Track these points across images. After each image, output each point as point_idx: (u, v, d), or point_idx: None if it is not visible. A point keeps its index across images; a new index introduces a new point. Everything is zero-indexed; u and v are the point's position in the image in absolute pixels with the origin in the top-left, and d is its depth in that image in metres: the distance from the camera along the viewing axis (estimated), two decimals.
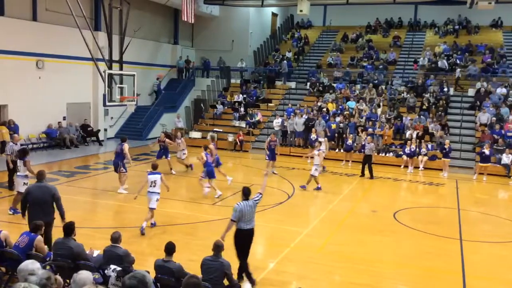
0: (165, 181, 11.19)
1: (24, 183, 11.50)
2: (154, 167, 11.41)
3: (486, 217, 13.78)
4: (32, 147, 21.24)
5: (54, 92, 22.15)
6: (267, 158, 18.17)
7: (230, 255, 7.14)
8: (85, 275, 5.54)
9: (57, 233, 7.77)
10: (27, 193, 8.85)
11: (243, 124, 25.30)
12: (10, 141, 14.11)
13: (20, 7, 20.94)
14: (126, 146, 14.69)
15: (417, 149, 20.85)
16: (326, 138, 20.66)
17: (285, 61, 29.98)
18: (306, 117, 23.61)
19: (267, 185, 10.83)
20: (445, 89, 25.41)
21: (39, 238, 7.55)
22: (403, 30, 33.54)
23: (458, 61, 27.80)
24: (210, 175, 14.23)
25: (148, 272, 6.03)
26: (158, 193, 11.07)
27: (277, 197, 14.73)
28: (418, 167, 20.40)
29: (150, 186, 10.99)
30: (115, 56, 18.34)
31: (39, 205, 8.66)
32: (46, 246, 7.67)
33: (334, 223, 12.33)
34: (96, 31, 22.81)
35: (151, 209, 10.85)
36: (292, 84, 29.23)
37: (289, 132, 23.86)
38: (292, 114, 24.26)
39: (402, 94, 25.60)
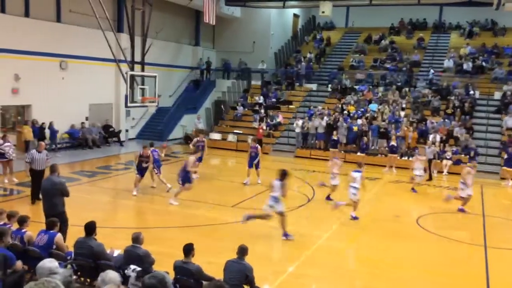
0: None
1: None
2: (360, 164, 12.67)
3: None
4: (55, 147, 21.54)
5: (77, 93, 22.42)
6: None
7: (251, 259, 7.06)
8: (113, 275, 5.54)
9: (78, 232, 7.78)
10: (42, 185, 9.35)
11: (263, 126, 25.22)
12: (33, 148, 13.07)
13: (45, 9, 21.26)
14: (191, 159, 13.66)
15: (442, 153, 20.46)
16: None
17: (303, 63, 29.82)
18: (327, 119, 23.41)
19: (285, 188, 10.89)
20: (471, 92, 24.91)
21: (59, 236, 7.60)
22: (427, 32, 33.04)
23: (484, 64, 27.25)
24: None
25: (168, 273, 5.99)
26: (357, 188, 12.36)
27: (297, 200, 14.59)
28: (442, 172, 20.00)
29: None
30: (137, 58, 18.49)
31: (48, 198, 9.16)
32: (66, 245, 7.69)
33: (356, 227, 12.14)
34: (118, 32, 23.01)
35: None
36: (313, 86, 29.05)
37: (310, 134, 23.67)
38: (313, 116, 24.09)
39: (427, 97, 25.19)
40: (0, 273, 6.26)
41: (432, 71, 27.38)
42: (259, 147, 17.17)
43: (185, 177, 13.33)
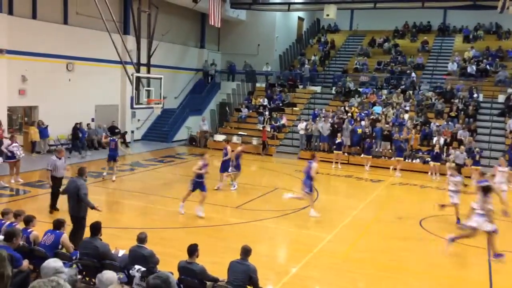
0: None
1: None
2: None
3: None
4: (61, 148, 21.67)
5: (83, 94, 22.60)
6: (235, 170, 16.12)
7: (255, 260, 7.16)
8: (110, 275, 5.65)
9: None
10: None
11: (268, 128, 25.33)
12: (54, 155, 12.42)
13: (52, 11, 21.46)
14: (314, 165, 13.10)
15: (445, 156, 20.49)
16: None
17: (306, 66, 29.90)
18: (331, 121, 23.49)
19: (288, 189, 10.86)
20: (475, 95, 24.93)
21: (65, 236, 7.70)
22: (431, 35, 33.06)
23: (488, 67, 27.26)
24: None
25: (172, 273, 6.10)
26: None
27: (301, 202, 14.66)
28: (445, 174, 20.00)
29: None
30: (143, 60, 18.62)
31: (70, 199, 9.27)
32: (72, 245, 7.81)
33: (359, 229, 12.21)
34: (125, 34, 23.19)
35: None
36: (318, 89, 29.14)
37: (313, 136, 23.75)
38: (317, 118, 24.17)
39: (430, 100, 25.23)
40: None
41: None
42: (228, 148, 16.31)
43: (309, 185, 12.90)
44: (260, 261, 7.10)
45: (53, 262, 7.02)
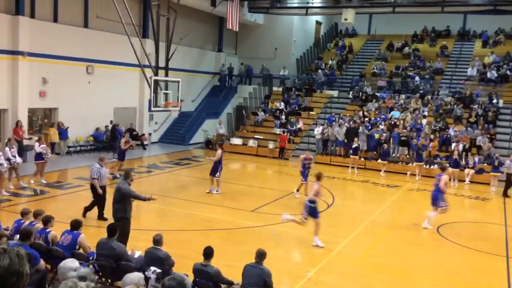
0: None
1: None
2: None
3: None
4: (80, 149, 21.99)
5: (102, 97, 22.87)
6: (303, 180, 15.53)
7: (270, 263, 7.16)
8: (133, 276, 5.74)
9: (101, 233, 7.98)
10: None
11: (287, 134, 25.28)
12: (97, 162, 12.00)
13: (73, 14, 21.78)
14: (444, 178, 12.68)
15: (464, 162, 20.24)
16: None
17: (320, 71, 29.81)
18: (347, 125, 23.38)
19: (304, 193, 10.74)
20: (494, 101, 24.59)
21: (83, 236, 7.78)
22: (451, 40, 32.71)
23: (508, 72, 26.87)
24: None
25: (187, 275, 6.13)
26: None
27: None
28: (464, 181, 19.78)
29: None
30: (161, 63, 18.77)
31: (113, 202, 9.40)
32: (89, 245, 7.90)
33: (375, 234, 12.12)
34: (144, 38, 23.40)
35: None
36: (335, 93, 29.04)
37: (330, 141, 23.66)
38: (333, 122, 24.09)
39: (449, 105, 24.96)
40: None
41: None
42: (218, 152, 15.59)
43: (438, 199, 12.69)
44: (275, 265, 7.10)
45: (70, 263, 7.14)
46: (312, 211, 10.85)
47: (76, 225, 7.85)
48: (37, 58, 19.83)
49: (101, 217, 11.64)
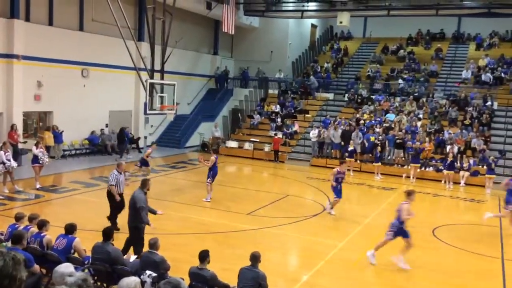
0: None
1: None
2: None
3: None
4: (75, 153, 21.93)
5: (97, 100, 22.82)
6: (335, 196, 13.78)
7: (266, 267, 7.16)
8: (129, 280, 5.70)
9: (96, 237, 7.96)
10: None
11: (280, 135, 25.32)
12: (115, 169, 11.61)
13: (68, 18, 21.74)
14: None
15: (459, 164, 20.33)
16: None
17: (312, 77, 29.83)
18: (343, 128, 23.44)
19: (300, 196, 10.71)
20: (489, 103, 24.71)
21: (77, 240, 7.76)
22: (445, 42, 32.87)
23: (503, 75, 27.01)
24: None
25: (183, 279, 6.12)
26: None
27: (312, 209, 14.65)
28: (459, 183, 19.85)
29: None
30: (157, 66, 18.77)
31: (130, 209, 9.28)
32: (84, 249, 7.87)
33: (370, 237, 12.11)
34: (139, 41, 23.41)
35: None
36: (330, 96, 29.10)
37: (325, 143, 23.70)
38: (329, 125, 24.14)
39: (444, 107, 25.07)
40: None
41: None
42: (211, 158, 14.85)
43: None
44: (271, 268, 7.11)
45: (65, 268, 7.11)
46: (402, 232, 9.87)
47: (70, 229, 7.83)
48: (32, 62, 19.78)
49: (115, 226, 11.10)
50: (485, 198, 18.08)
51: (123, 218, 10.91)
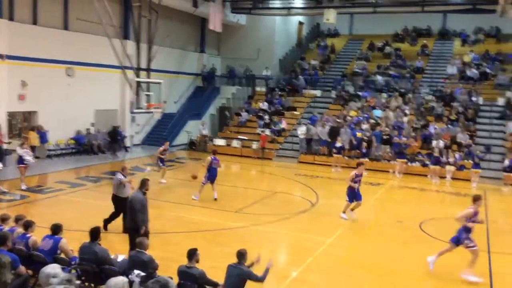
0: None
1: None
2: None
3: None
4: (60, 153, 21.73)
5: (83, 99, 22.61)
6: (348, 199, 13.30)
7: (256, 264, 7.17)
8: (117, 280, 5.67)
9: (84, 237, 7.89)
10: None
11: (267, 132, 25.33)
12: (119, 173, 11.21)
13: (52, 16, 21.50)
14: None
15: (445, 159, 20.52)
16: None
17: (300, 76, 29.86)
18: (330, 125, 23.51)
19: (288, 193, 10.73)
20: (474, 98, 24.95)
21: (64, 241, 7.68)
22: (431, 39, 33.12)
23: (487, 70, 27.30)
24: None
25: (172, 278, 6.09)
26: None
27: (301, 205, 14.67)
28: (445, 177, 20.02)
29: None
30: (143, 64, 18.67)
31: (128, 211, 9.03)
32: (71, 249, 7.79)
33: (359, 233, 12.20)
34: (124, 39, 23.21)
35: None
36: (318, 92, 29.16)
37: (313, 140, 23.76)
38: (317, 122, 24.19)
39: (430, 103, 25.26)
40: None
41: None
42: (207, 158, 15.08)
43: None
44: (260, 265, 7.10)
45: (51, 269, 7.05)
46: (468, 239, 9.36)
47: (56, 230, 7.74)
48: (16, 61, 19.54)
49: (105, 226, 10.96)
50: (471, 192, 18.23)
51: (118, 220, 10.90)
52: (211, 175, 14.66)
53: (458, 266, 10.09)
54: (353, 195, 13.00)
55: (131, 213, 8.87)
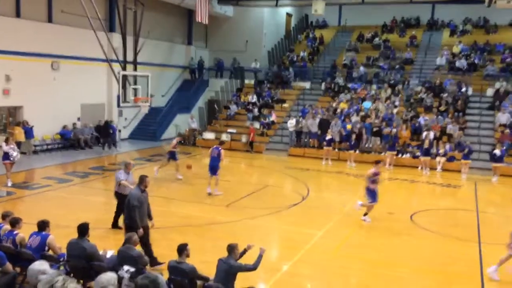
0: None
1: None
2: None
3: (506, 220, 13.45)
4: (46, 148, 21.42)
5: (68, 93, 22.28)
6: (370, 201, 12.41)
7: (247, 258, 7.04)
8: (110, 275, 5.53)
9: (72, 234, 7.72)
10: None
11: (257, 125, 25.17)
12: (122, 170, 10.88)
13: (36, 9, 21.11)
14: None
15: (435, 150, 20.56)
16: None
17: (291, 69, 29.74)
18: (320, 117, 23.42)
19: (279, 186, 10.61)
20: (463, 89, 25.02)
21: (51, 237, 7.56)
22: (420, 30, 33.15)
23: (476, 61, 27.37)
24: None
25: (162, 274, 5.95)
26: None
27: (292, 198, 14.59)
28: (435, 169, 20.05)
29: None
30: (129, 57, 18.39)
31: (125, 208, 8.70)
32: (59, 246, 7.63)
33: (349, 225, 12.14)
34: (110, 32, 22.91)
35: None
36: (307, 85, 29.04)
37: (303, 133, 23.66)
38: (307, 114, 24.09)
39: (420, 94, 25.28)
40: None
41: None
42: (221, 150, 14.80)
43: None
44: (251, 259, 6.99)
45: (39, 265, 6.89)
46: None
47: (42, 226, 7.62)
48: (0, 55, 19.14)
49: (116, 225, 10.73)
50: (461, 183, 18.32)
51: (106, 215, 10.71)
52: (210, 165, 14.52)
53: (447, 258, 10.10)
54: (374, 195, 12.18)
55: (127, 210, 8.62)
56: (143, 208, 8.66)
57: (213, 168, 14.52)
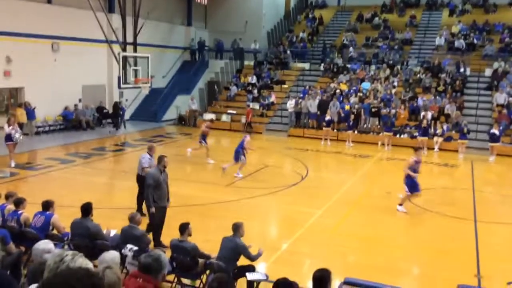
0: None
1: None
2: None
3: (502, 199, 13.69)
4: (49, 129, 21.57)
5: (69, 75, 22.31)
6: (408, 191, 11.70)
7: (246, 237, 7.25)
8: (113, 254, 5.71)
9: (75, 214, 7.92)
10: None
11: (256, 106, 25.25)
12: (146, 153, 10.75)
13: None
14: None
15: (432, 130, 20.70)
16: None
17: (288, 52, 29.63)
18: (319, 98, 23.50)
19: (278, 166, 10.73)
20: (462, 69, 25.03)
21: (55, 217, 7.72)
22: (419, 9, 32.96)
23: (475, 41, 27.31)
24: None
25: (164, 252, 6.16)
26: None
27: (291, 178, 14.79)
28: (433, 149, 20.23)
29: None
30: (129, 38, 18.40)
31: (157, 189, 8.75)
32: (63, 226, 7.82)
33: (348, 204, 12.36)
34: (110, 13, 22.82)
35: None
36: (306, 65, 29.02)
37: (302, 113, 23.77)
38: (306, 95, 24.16)
39: (418, 75, 25.31)
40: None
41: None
42: (247, 139, 15.02)
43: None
44: (252, 238, 7.20)
45: (44, 244, 7.08)
46: None
47: (47, 205, 7.78)
48: (0, 36, 19.14)
49: (140, 207, 10.45)
50: (458, 163, 18.52)
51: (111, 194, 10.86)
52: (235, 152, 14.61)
53: (444, 236, 10.33)
54: (414, 185, 11.52)
55: (142, 188, 8.80)
56: (162, 188, 8.73)
57: (236, 156, 14.61)
